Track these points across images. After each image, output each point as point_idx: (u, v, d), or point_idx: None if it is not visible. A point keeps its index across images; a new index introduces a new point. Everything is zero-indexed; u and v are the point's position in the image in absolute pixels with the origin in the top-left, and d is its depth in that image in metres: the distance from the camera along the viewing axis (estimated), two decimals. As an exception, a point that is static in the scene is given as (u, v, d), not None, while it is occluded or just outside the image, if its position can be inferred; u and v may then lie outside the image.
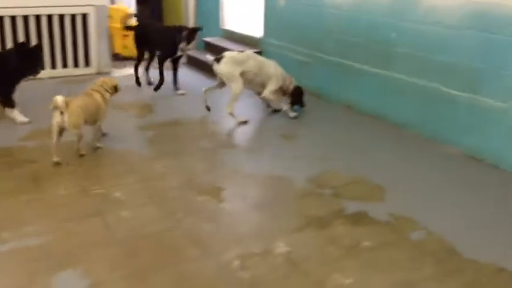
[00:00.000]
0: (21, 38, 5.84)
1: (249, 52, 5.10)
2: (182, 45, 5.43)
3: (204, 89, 5.12)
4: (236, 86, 4.77)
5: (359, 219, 3.14)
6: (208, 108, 5.05)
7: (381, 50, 4.86)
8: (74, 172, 3.69)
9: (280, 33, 6.24)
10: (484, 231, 3.04)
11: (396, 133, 4.67)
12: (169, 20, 8.51)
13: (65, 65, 6.28)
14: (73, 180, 3.56)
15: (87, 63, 6.45)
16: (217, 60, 4.81)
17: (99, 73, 6.40)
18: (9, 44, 5.77)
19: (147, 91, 5.87)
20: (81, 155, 3.96)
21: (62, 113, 3.69)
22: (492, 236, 2.99)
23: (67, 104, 3.70)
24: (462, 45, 4.09)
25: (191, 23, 7.93)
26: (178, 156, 4.03)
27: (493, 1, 3.80)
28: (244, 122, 4.84)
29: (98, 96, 4.02)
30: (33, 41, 5.97)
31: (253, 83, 4.98)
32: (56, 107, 3.67)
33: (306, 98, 5.21)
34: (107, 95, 4.11)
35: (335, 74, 5.49)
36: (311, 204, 3.31)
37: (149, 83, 6.00)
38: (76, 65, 6.38)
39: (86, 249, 2.73)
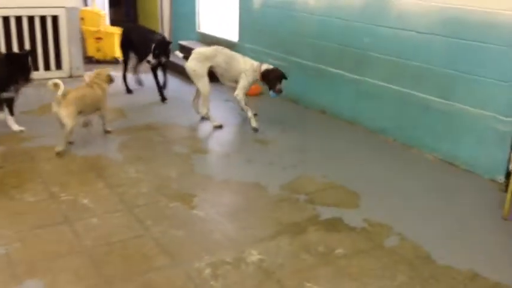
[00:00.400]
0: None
1: (218, 47, 4.93)
2: (149, 57, 5.23)
3: (191, 100, 5.06)
4: (203, 85, 4.72)
5: (334, 225, 3.09)
6: (203, 117, 4.92)
7: (354, 55, 4.85)
8: (42, 178, 3.56)
9: (256, 37, 6.19)
10: (458, 237, 3.03)
11: (371, 138, 4.66)
12: (145, 23, 8.38)
13: (35, 68, 6.09)
14: (41, 187, 3.43)
15: (58, 66, 6.29)
16: (186, 58, 4.78)
17: (71, 76, 6.25)
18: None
19: (121, 95, 5.76)
20: (58, 153, 3.94)
21: (59, 103, 3.86)
22: (466, 242, 2.98)
23: (65, 95, 3.88)
24: (435, 50, 4.11)
25: (166, 26, 7.84)
26: (151, 162, 3.94)
27: (465, 7, 3.83)
28: (219, 127, 4.77)
29: (97, 88, 4.24)
30: (1, 43, 5.83)
31: (225, 78, 4.91)
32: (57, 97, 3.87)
33: (283, 104, 5.16)
34: (104, 85, 4.34)
35: (310, 78, 5.47)
36: (285, 211, 3.25)
37: (139, 83, 6.03)
38: (47, 68, 6.21)
39: (51, 258, 2.62)
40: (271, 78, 4.66)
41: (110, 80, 4.44)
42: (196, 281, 2.46)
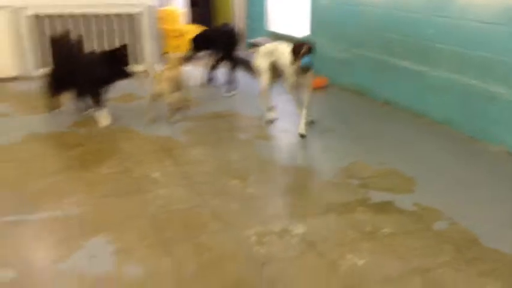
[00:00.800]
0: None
1: (278, 43, 4.87)
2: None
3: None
4: (262, 79, 4.83)
5: (383, 208, 3.15)
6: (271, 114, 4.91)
7: (419, 46, 4.83)
8: (118, 155, 3.96)
9: (324, 32, 6.32)
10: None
11: (436, 130, 4.62)
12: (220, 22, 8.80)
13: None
14: (117, 162, 3.82)
15: (139, 61, 6.81)
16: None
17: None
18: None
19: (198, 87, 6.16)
20: (172, 123, 4.73)
21: (157, 83, 4.62)
22: (520, 230, 2.92)
23: (161, 75, 4.62)
24: (500, 40, 3.99)
25: (239, 25, 8.17)
26: (216, 146, 4.21)
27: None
28: (271, 121, 4.86)
29: (175, 70, 4.74)
30: (86, 40, 6.42)
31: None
32: (152, 77, 4.70)
33: (348, 96, 5.22)
34: (178, 67, 4.80)
35: (375, 71, 5.51)
36: (336, 193, 3.36)
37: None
38: (129, 62, 6.75)
39: (119, 220, 2.94)
40: (295, 49, 4.30)
41: (182, 62, 4.85)
42: (243, 246, 2.66)
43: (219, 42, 5.88)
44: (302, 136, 4.43)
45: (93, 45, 6.47)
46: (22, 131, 4.43)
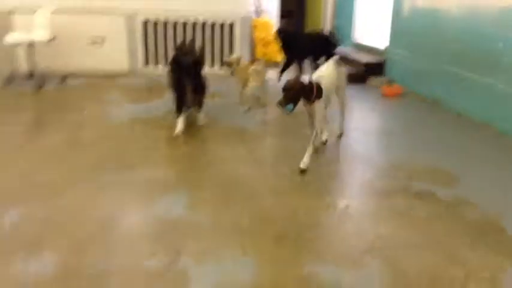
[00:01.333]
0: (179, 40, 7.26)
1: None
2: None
3: None
4: None
5: (422, 196, 3.48)
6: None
7: (488, 59, 5.03)
8: (199, 137, 4.68)
9: (402, 42, 6.65)
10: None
11: (497, 139, 4.78)
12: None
13: (212, 65, 7.51)
14: (194, 142, 4.55)
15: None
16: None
17: (240, 74, 7.49)
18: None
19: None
20: (245, 112, 5.53)
21: (255, 78, 5.48)
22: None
23: (260, 71, 5.55)
24: None
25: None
26: (282, 137, 4.78)
27: None
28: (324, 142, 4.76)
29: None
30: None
31: None
32: (255, 73, 5.52)
33: (421, 105, 5.48)
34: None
35: (449, 82, 5.74)
36: (383, 181, 3.74)
37: None
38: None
39: (193, 184, 3.61)
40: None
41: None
42: (291, 211, 3.19)
43: (307, 45, 6.54)
44: (302, 171, 3.83)
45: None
46: (127, 115, 5.33)
